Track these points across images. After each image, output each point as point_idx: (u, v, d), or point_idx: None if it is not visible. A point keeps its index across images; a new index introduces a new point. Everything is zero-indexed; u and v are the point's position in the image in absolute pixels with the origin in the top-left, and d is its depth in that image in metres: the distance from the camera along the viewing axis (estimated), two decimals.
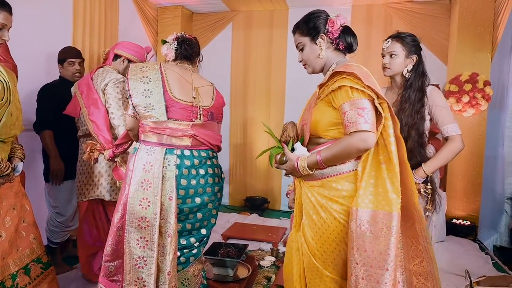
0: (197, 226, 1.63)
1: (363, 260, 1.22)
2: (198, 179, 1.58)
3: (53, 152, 2.45)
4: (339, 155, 1.28)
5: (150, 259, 1.48)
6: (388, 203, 1.24)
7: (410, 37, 1.81)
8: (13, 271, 1.68)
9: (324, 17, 1.42)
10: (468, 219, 3.45)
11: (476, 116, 3.40)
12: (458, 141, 1.75)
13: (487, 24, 3.36)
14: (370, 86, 1.24)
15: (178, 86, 1.59)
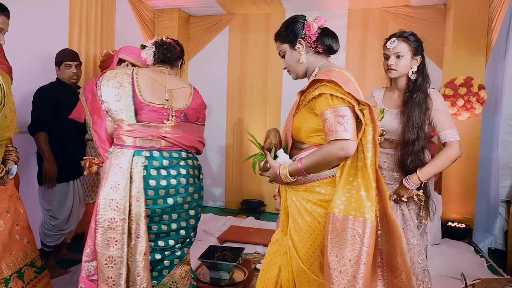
0: (174, 228, 1.64)
1: (334, 265, 1.23)
2: (169, 180, 1.59)
3: (47, 154, 2.44)
4: (320, 163, 1.30)
5: (119, 259, 1.52)
6: (362, 209, 1.24)
7: (414, 37, 1.74)
8: (6, 275, 1.66)
9: (301, 22, 1.41)
10: (463, 222, 3.46)
11: (471, 119, 3.43)
12: (456, 148, 1.67)
13: (481, 28, 3.39)
14: (350, 92, 1.24)
15: (150, 89, 1.63)
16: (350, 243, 1.23)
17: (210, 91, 4.57)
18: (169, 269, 1.65)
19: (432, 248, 3.16)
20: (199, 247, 2.95)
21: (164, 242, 1.63)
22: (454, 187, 3.52)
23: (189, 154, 1.71)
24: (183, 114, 1.69)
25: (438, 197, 3.36)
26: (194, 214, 1.71)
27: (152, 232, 1.60)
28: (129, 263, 1.54)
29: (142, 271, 1.54)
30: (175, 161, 1.62)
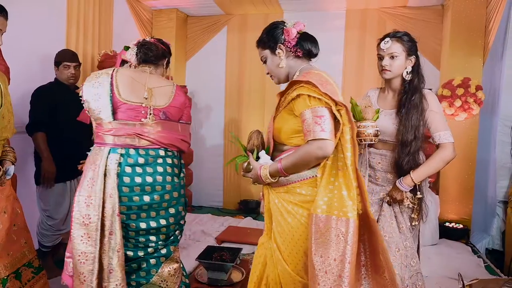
0: (153, 225, 1.64)
1: (319, 265, 1.24)
2: (144, 177, 1.60)
3: (46, 154, 2.43)
4: (299, 163, 1.32)
5: (91, 255, 1.53)
6: (344, 209, 1.26)
7: (407, 37, 1.73)
8: (3, 276, 1.66)
9: (280, 28, 1.45)
10: (460, 222, 3.47)
11: (468, 120, 3.44)
12: (449, 150, 1.65)
13: (479, 29, 3.40)
14: (327, 93, 1.26)
15: (129, 88, 1.65)
16: (334, 243, 1.25)
17: (208, 91, 4.58)
18: (156, 268, 1.66)
19: (430, 248, 3.17)
20: (197, 248, 2.95)
21: (145, 239, 1.64)
22: (451, 187, 3.53)
23: (168, 152, 1.70)
24: (162, 112, 1.70)
25: (435, 197, 3.37)
26: (174, 212, 1.70)
27: (131, 230, 1.62)
28: (102, 260, 1.55)
29: (115, 268, 1.54)
30: (151, 159, 1.63)
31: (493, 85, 3.43)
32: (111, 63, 2.91)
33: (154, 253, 1.66)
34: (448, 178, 3.54)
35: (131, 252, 1.63)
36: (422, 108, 1.68)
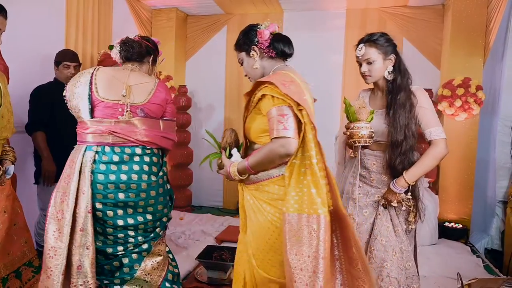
0: (131, 222, 1.64)
1: (294, 263, 1.27)
2: (119, 175, 1.60)
3: (45, 153, 2.43)
4: (264, 160, 1.36)
5: (60, 251, 1.54)
6: (314, 206, 1.30)
7: (383, 37, 1.68)
8: (4, 275, 1.67)
9: (254, 30, 1.50)
10: (460, 222, 3.48)
11: (468, 120, 3.44)
12: (442, 146, 1.61)
13: (479, 29, 3.40)
14: (287, 94, 1.29)
15: (107, 86, 1.68)
16: (307, 240, 1.28)
17: (208, 91, 4.58)
18: (139, 263, 1.67)
19: (429, 248, 3.18)
20: (197, 247, 2.95)
21: (123, 234, 1.64)
22: (451, 187, 3.53)
23: (146, 150, 1.69)
24: (140, 109, 1.69)
25: (435, 197, 3.38)
26: (152, 211, 1.69)
27: (109, 226, 1.63)
28: (71, 256, 1.55)
29: (84, 265, 1.55)
30: (127, 157, 1.63)
31: (493, 85, 3.43)
32: (111, 62, 2.90)
33: (134, 248, 1.66)
34: (448, 178, 3.54)
35: (110, 249, 1.63)
36: (411, 105, 1.64)
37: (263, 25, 1.49)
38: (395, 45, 1.71)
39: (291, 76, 1.38)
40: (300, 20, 4.11)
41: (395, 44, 1.72)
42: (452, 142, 3.52)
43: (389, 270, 1.65)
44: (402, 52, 4.19)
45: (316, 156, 1.32)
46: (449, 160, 3.54)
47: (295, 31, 4.45)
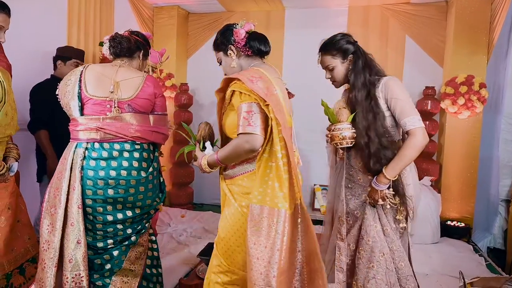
0: (120, 217, 1.67)
1: (253, 252, 1.33)
2: (108, 171, 1.62)
3: (50, 151, 2.42)
4: (231, 155, 1.41)
5: (52, 244, 1.58)
6: (275, 200, 1.35)
7: (338, 42, 1.68)
8: (8, 271, 1.68)
9: (231, 29, 1.53)
10: (462, 221, 3.46)
11: (472, 118, 3.42)
12: (418, 135, 1.52)
13: (483, 26, 3.38)
14: (253, 89, 1.32)
15: (95, 83, 1.70)
16: (265, 231, 1.34)
17: (210, 89, 4.54)
18: (125, 254, 1.72)
19: (431, 246, 3.17)
20: (199, 244, 2.96)
21: (113, 228, 1.67)
22: (453, 185, 3.52)
23: (135, 145, 1.69)
24: (127, 104, 1.69)
25: (437, 195, 3.37)
26: (141, 205, 1.72)
27: (98, 222, 1.65)
28: (64, 249, 1.60)
29: (75, 258, 1.58)
30: (116, 153, 1.65)
31: (497, 83, 3.40)
32: None
33: (123, 241, 1.70)
34: (450, 176, 3.53)
35: (101, 243, 1.66)
36: (373, 103, 1.58)
37: (239, 24, 1.52)
38: (351, 43, 1.68)
39: (260, 72, 1.41)
40: (301, 17, 4.09)
41: (352, 42, 1.69)
42: (455, 140, 3.52)
43: (375, 271, 1.61)
44: (405, 50, 4.16)
45: (281, 151, 1.35)
46: (451, 158, 3.52)
47: (296, 29, 4.45)
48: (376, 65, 1.68)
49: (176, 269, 2.56)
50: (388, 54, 3.88)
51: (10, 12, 1.59)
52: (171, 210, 3.97)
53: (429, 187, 3.36)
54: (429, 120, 3.62)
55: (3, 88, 1.58)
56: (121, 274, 1.70)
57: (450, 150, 3.53)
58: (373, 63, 1.67)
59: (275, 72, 1.55)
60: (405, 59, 3.85)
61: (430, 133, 3.62)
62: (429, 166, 3.53)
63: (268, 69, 1.49)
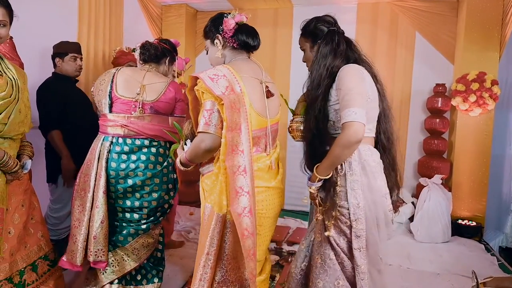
0: (137, 205, 1.91)
1: (200, 247, 1.44)
2: (128, 164, 1.86)
3: (65, 152, 2.39)
4: (192, 154, 1.44)
5: (82, 222, 1.85)
6: (215, 200, 1.42)
7: (310, 24, 1.51)
8: (21, 268, 1.70)
9: (221, 18, 1.50)
10: (473, 219, 3.42)
11: (483, 115, 3.37)
12: (348, 130, 1.28)
13: (495, 22, 3.32)
14: (209, 88, 1.34)
15: (125, 84, 1.92)
16: (206, 229, 1.43)
17: None
18: (132, 237, 1.93)
19: (442, 245, 3.14)
20: None
21: (129, 215, 1.92)
22: (464, 184, 3.47)
23: (153, 142, 1.92)
24: (150, 106, 1.92)
25: (448, 194, 3.33)
26: (156, 197, 1.92)
27: (119, 206, 1.91)
28: (90, 227, 1.85)
29: (98, 236, 1.84)
30: (136, 148, 1.88)
31: (509, 80, 3.35)
32: (126, 59, 2.91)
33: (134, 226, 1.93)
34: (461, 175, 3.48)
35: (117, 222, 1.94)
36: (322, 90, 1.42)
37: (231, 14, 1.49)
38: (324, 30, 1.47)
39: (227, 70, 1.39)
40: (310, 14, 3.97)
41: (330, 26, 1.48)
42: (466, 138, 3.47)
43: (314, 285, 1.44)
44: (414, 47, 4.11)
45: (224, 153, 1.34)
46: (462, 156, 3.48)
47: None
48: (352, 55, 1.47)
49: (186, 266, 2.57)
50: (398, 51, 3.84)
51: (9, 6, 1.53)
52: (180, 207, 3.99)
53: (440, 186, 3.33)
54: (440, 117, 3.58)
55: (17, 86, 1.60)
56: (123, 251, 1.92)
57: (461, 148, 3.48)
58: (348, 52, 1.46)
59: (257, 69, 1.51)
60: (415, 56, 3.81)
61: (440, 130, 3.58)
62: (439, 164, 3.49)
63: (248, 66, 1.47)
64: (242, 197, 1.32)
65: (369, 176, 1.38)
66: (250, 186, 1.33)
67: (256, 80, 1.48)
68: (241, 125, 1.34)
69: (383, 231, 1.42)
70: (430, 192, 3.29)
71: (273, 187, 1.53)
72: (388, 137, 1.52)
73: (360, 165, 1.38)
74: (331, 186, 1.39)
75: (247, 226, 1.32)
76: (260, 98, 1.48)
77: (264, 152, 1.51)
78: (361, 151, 1.39)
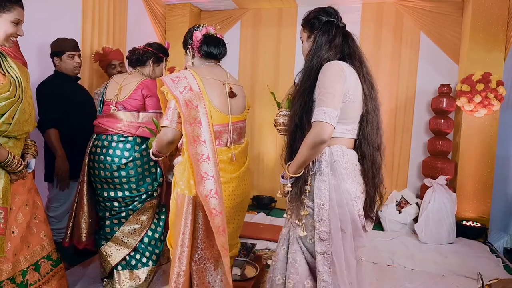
0: (112, 195, 2.14)
1: (176, 234, 1.56)
2: (106, 157, 2.10)
3: (60, 151, 2.37)
4: (158, 145, 1.66)
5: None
6: (182, 186, 1.58)
7: (309, 14, 1.49)
8: (23, 267, 1.69)
9: (192, 31, 1.71)
10: (478, 221, 3.40)
11: (488, 116, 3.35)
12: (313, 129, 1.28)
13: (500, 22, 3.29)
14: (169, 88, 1.54)
15: (110, 88, 2.24)
16: (180, 212, 1.56)
17: None
18: (118, 226, 2.17)
19: (446, 247, 3.12)
20: None
21: (109, 204, 2.17)
22: (469, 185, 3.45)
23: (121, 138, 2.12)
24: (121, 105, 2.16)
25: (452, 195, 3.31)
26: (127, 188, 2.12)
27: (99, 196, 2.18)
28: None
29: (82, 221, 2.20)
30: (107, 143, 2.13)
31: None
32: (107, 60, 2.89)
33: (116, 215, 2.17)
34: (466, 175, 3.46)
35: (101, 213, 2.21)
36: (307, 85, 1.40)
37: (200, 27, 1.70)
38: (323, 20, 1.44)
39: (188, 73, 1.59)
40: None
41: (329, 17, 1.45)
42: (471, 139, 3.45)
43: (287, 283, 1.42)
44: (419, 47, 4.08)
45: (185, 143, 1.54)
46: (467, 157, 3.46)
47: None
48: (347, 49, 1.44)
49: None
50: (402, 51, 3.82)
51: (23, 5, 1.59)
52: None
53: (444, 186, 3.30)
54: (444, 118, 3.55)
55: (20, 85, 1.59)
56: (115, 242, 2.16)
57: (466, 149, 3.46)
58: (344, 46, 1.43)
59: (221, 72, 1.70)
60: (420, 56, 3.79)
61: (445, 131, 3.55)
62: (444, 165, 3.46)
63: (211, 70, 1.66)
64: (208, 180, 1.51)
65: (338, 177, 1.35)
66: (215, 171, 1.52)
67: (218, 81, 1.65)
68: (201, 119, 1.54)
69: (350, 238, 1.35)
70: (434, 193, 3.27)
71: (235, 177, 1.69)
72: (369, 142, 1.43)
73: (329, 166, 1.35)
74: (301, 184, 1.38)
75: (215, 205, 1.49)
76: (221, 96, 1.64)
77: (226, 146, 1.68)
78: (332, 151, 1.36)
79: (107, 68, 2.93)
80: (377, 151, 1.44)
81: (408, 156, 3.89)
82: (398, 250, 3.03)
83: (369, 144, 1.42)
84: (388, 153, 3.93)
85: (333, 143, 1.37)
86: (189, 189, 1.56)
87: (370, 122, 1.43)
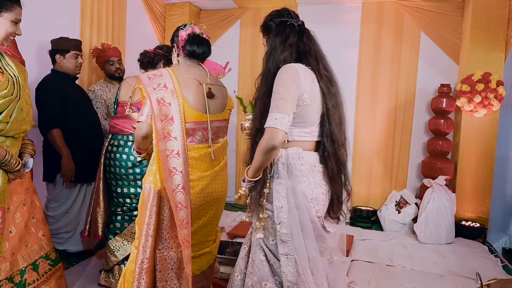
0: (125, 191, 2.25)
1: (141, 226, 1.61)
2: (121, 155, 2.24)
3: (65, 151, 2.36)
4: (136, 141, 1.72)
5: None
6: (151, 179, 1.63)
7: (265, 18, 1.48)
8: (21, 267, 1.68)
9: (178, 30, 1.75)
10: (477, 221, 3.40)
11: (488, 116, 3.34)
12: (264, 135, 1.29)
13: (501, 22, 3.29)
14: (143, 85, 1.59)
15: (123, 90, 2.34)
16: (145, 204, 1.61)
17: None
18: (128, 223, 2.27)
19: (445, 247, 3.12)
20: None
21: (122, 200, 2.28)
22: (469, 185, 3.45)
23: (123, 137, 2.27)
24: (135, 106, 2.28)
25: (452, 195, 3.30)
26: (141, 185, 2.17)
27: (114, 192, 2.28)
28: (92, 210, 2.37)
29: (98, 215, 2.31)
30: (122, 142, 2.27)
31: None
32: (106, 56, 2.89)
33: (127, 211, 2.27)
34: (465, 176, 3.46)
35: (113, 208, 2.32)
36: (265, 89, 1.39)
37: (186, 26, 1.73)
38: (277, 23, 1.44)
39: (165, 71, 1.63)
40: (314, 14, 4.04)
41: (282, 19, 1.44)
42: (471, 139, 3.45)
43: None
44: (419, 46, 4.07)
45: (155, 138, 1.56)
46: (467, 157, 3.45)
47: (309, 25, 4.35)
48: (304, 47, 1.42)
49: None
50: (402, 51, 3.81)
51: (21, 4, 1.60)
52: None
53: (444, 187, 3.30)
54: (444, 118, 3.55)
55: (18, 83, 1.59)
56: (123, 237, 2.25)
57: (466, 149, 3.46)
58: (299, 44, 1.41)
59: (201, 72, 1.72)
60: (420, 56, 3.78)
61: (445, 131, 3.55)
62: (443, 165, 3.46)
63: (189, 70, 1.69)
64: (176, 176, 1.55)
65: (293, 179, 1.36)
66: (183, 167, 1.56)
67: (194, 80, 1.67)
68: (173, 116, 1.57)
69: (312, 239, 1.36)
70: (434, 193, 3.27)
71: (207, 176, 1.71)
72: (333, 140, 1.42)
73: (286, 168, 1.37)
74: (260, 187, 1.40)
75: (181, 200, 1.56)
76: (197, 95, 1.66)
77: (201, 144, 1.69)
78: (288, 154, 1.38)
79: (105, 65, 2.92)
80: (342, 148, 1.44)
81: (408, 156, 3.89)
82: (397, 250, 3.03)
83: (333, 141, 1.42)
84: (388, 153, 3.93)
85: (290, 146, 1.39)
86: (154, 183, 1.61)
87: (333, 120, 1.42)
